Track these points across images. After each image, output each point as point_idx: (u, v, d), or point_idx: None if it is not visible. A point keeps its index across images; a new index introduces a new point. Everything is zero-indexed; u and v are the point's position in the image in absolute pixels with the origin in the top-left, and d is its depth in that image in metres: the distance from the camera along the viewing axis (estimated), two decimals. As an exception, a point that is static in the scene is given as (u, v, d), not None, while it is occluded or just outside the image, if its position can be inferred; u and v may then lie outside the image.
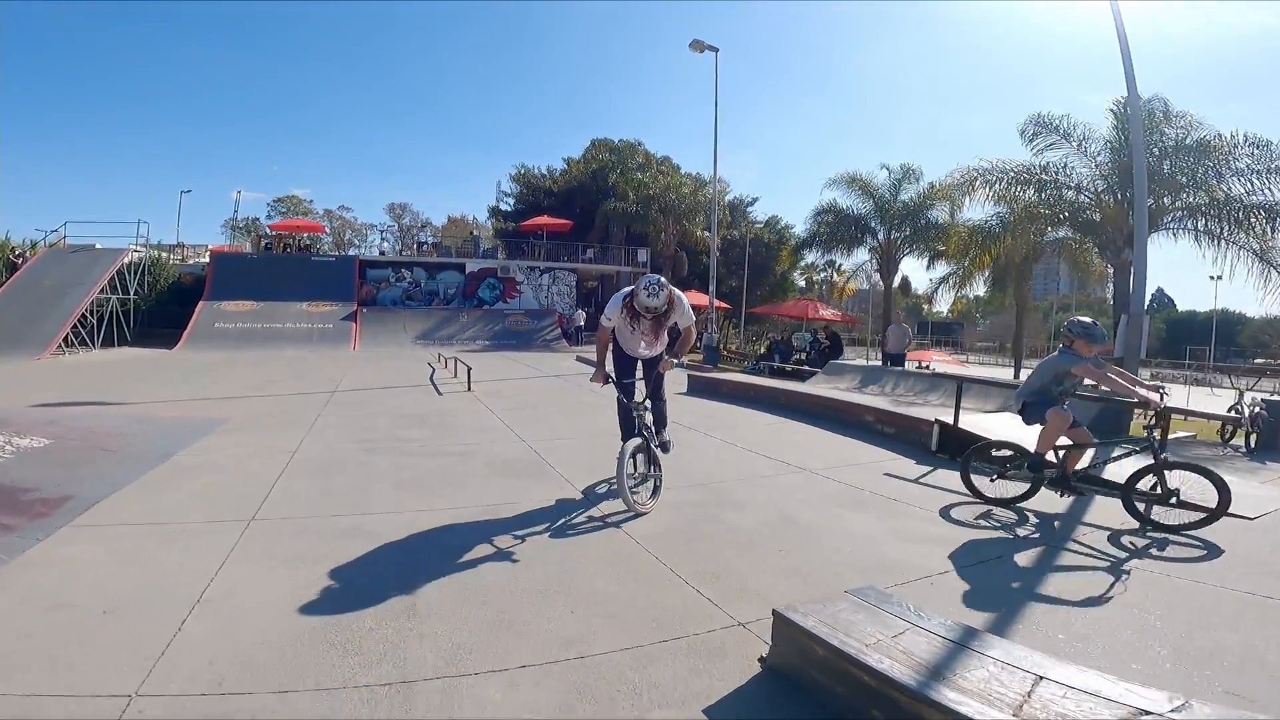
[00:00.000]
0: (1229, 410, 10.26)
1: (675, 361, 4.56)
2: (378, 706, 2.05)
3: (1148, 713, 1.70)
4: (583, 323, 25.93)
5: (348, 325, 22.57)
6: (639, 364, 4.67)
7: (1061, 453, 4.37)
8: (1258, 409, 8.26)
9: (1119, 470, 4.66)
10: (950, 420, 6.33)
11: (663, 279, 4.30)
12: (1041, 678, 1.88)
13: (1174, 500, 3.96)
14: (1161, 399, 4.14)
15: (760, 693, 2.19)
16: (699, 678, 2.25)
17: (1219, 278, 34.17)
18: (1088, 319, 4.39)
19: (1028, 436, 4.65)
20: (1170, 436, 5.26)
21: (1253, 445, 7.99)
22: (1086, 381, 4.55)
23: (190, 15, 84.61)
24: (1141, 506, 4.09)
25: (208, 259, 25.41)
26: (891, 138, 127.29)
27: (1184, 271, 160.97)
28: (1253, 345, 52.92)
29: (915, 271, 75.15)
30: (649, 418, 4.52)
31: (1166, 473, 4.00)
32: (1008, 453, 4.65)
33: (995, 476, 4.58)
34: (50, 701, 2.00)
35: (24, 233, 23.08)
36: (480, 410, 8.33)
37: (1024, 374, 9.69)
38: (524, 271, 27.62)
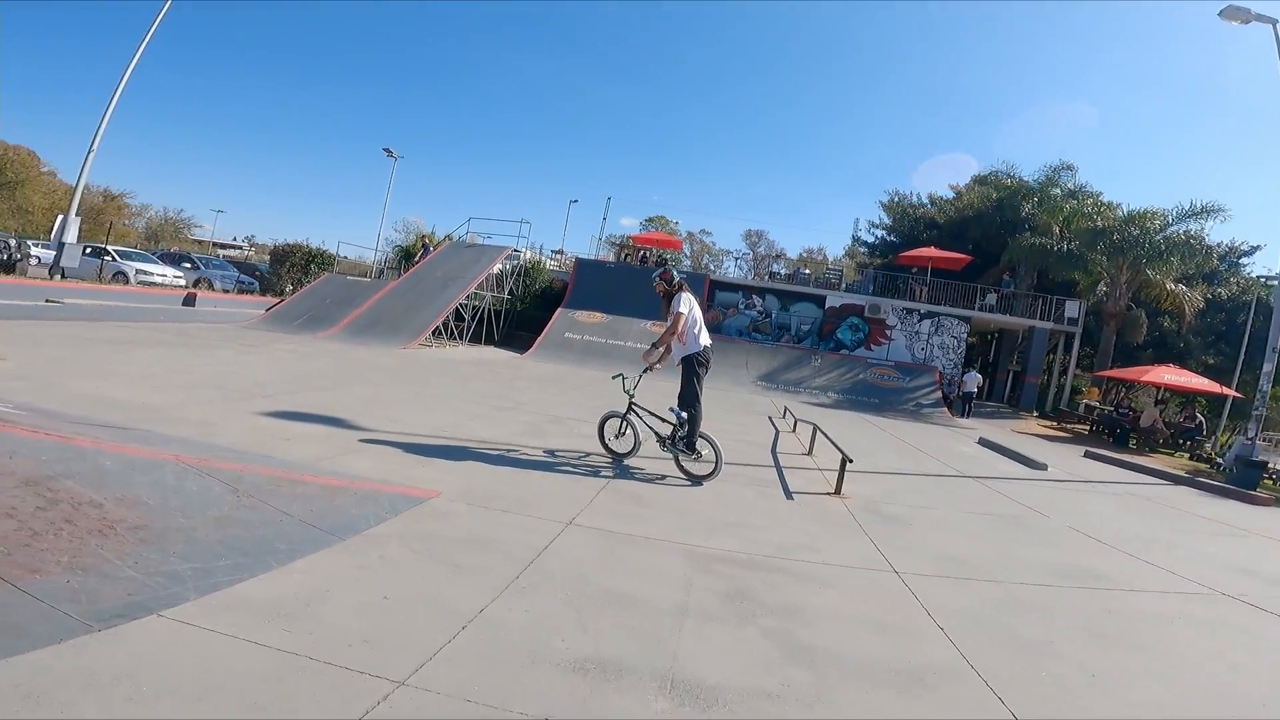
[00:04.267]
0: None
1: (653, 366, 5.44)
2: None
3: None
4: (975, 389, 19.01)
5: (685, 351, 20.13)
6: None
7: None
8: None
9: None
10: None
11: (670, 268, 5.55)
12: None
13: None
14: None
15: None
16: None
17: None
18: None
19: None
20: None
21: None
22: None
23: (598, 61, 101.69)
24: None
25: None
26: None
27: None
28: None
29: None
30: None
31: None
32: None
33: None
34: None
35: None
36: (875, 572, 3.62)
37: None
38: (898, 314, 21.97)
